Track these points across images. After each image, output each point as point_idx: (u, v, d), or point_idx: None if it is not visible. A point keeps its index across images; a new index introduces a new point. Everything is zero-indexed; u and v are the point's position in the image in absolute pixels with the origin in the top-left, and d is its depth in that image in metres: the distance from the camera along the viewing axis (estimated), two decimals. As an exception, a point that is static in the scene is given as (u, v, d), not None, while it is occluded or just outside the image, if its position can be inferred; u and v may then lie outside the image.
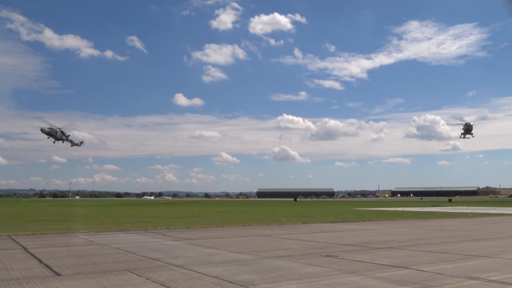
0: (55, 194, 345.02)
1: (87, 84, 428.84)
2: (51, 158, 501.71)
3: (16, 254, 14.62)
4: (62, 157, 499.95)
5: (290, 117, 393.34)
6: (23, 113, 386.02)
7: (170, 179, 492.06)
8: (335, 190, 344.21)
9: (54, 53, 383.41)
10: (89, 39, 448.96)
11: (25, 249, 16.06)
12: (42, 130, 63.68)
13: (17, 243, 18.15)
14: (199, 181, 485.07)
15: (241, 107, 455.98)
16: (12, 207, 76.71)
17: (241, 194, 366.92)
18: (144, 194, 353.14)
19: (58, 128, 66.49)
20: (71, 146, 69.54)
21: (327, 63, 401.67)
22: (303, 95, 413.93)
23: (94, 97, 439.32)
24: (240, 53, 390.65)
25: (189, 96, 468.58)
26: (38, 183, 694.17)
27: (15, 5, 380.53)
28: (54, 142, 65.93)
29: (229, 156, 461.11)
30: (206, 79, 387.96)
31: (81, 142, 73.73)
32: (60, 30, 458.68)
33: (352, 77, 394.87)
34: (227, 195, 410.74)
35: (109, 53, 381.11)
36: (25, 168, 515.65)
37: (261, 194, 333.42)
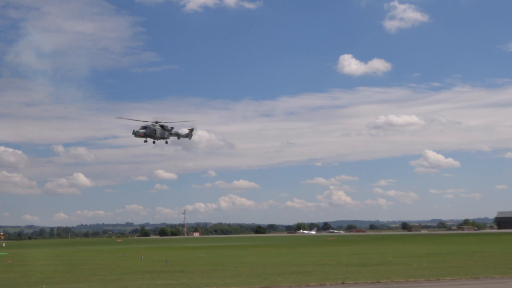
0: (162, 230, 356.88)
1: (199, 54, 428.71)
2: (153, 173, 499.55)
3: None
4: (169, 171, 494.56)
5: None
6: (108, 106, 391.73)
7: (341, 200, 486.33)
8: None
9: (148, 10, 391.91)
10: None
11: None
12: (135, 134, 67.63)
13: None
14: (390, 202, 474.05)
15: (455, 69, 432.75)
16: (104, 251, 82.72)
17: (466, 222, 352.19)
18: (299, 226, 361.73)
19: (156, 123, 69.42)
20: (178, 139, 74.12)
21: None
22: None
23: (209, 73, 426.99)
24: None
25: (363, 57, 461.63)
26: (137, 213, 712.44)
27: None
28: (154, 142, 70.19)
29: (441, 157, 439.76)
30: (390, 25, 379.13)
31: (191, 130, 77.57)
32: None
33: None
34: (441, 224, 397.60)
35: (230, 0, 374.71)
36: (117, 192, 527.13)
37: (503, 221, 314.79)
